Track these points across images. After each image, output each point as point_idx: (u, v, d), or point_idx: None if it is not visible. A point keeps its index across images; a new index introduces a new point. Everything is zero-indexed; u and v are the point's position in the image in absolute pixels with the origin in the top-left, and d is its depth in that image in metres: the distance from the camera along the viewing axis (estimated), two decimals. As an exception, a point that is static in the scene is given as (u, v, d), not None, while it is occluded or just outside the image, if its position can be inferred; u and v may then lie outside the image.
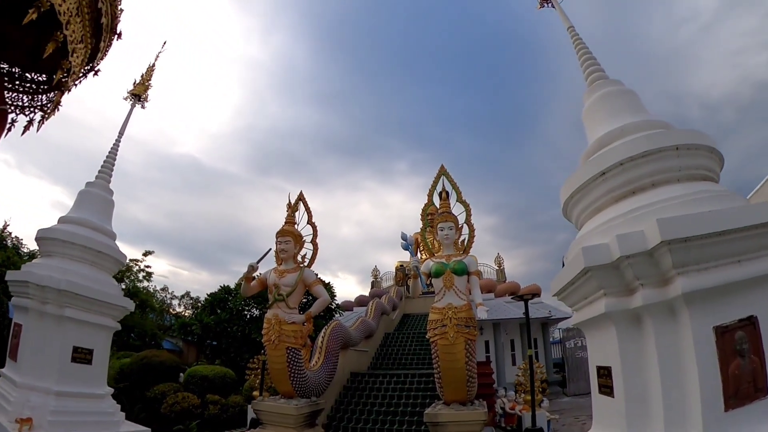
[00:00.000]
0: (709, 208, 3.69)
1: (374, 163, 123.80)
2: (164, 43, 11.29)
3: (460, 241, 8.58)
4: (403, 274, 26.10)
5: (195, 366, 15.01)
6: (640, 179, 4.49)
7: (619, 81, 5.91)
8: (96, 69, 4.18)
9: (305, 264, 9.29)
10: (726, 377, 3.31)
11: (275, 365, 8.39)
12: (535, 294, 10.98)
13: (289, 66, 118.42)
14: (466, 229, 8.79)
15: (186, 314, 32.49)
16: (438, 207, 8.94)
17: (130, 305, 9.11)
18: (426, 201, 9.30)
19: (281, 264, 9.17)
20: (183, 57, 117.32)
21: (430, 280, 7.96)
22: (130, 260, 25.65)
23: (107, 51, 4.13)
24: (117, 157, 10.07)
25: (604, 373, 4.16)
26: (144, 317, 23.88)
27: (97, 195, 9.41)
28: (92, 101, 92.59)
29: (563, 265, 5.21)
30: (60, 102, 4.76)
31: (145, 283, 26.56)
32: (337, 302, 22.38)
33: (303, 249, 9.49)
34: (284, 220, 9.63)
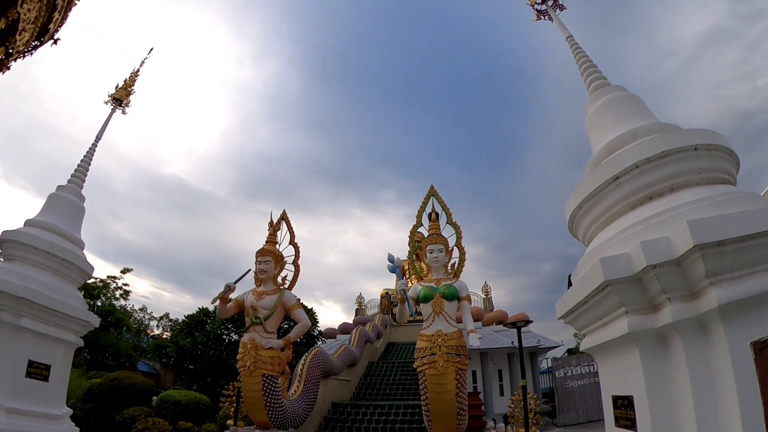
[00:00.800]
0: (737, 210, 3.24)
1: (361, 191, 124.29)
2: (151, 49, 10.89)
3: (450, 264, 8.15)
4: (388, 301, 25.54)
5: (168, 390, 14.27)
6: (657, 183, 4.06)
7: (622, 87, 5.64)
8: (55, 39, 3.76)
9: (286, 286, 8.80)
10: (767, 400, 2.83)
11: (250, 393, 7.79)
12: (528, 322, 10.56)
13: (280, 92, 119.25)
14: (456, 253, 8.36)
15: (164, 336, 31.52)
16: (427, 229, 8.54)
17: (95, 320, 8.43)
18: (415, 222, 8.88)
19: (260, 285, 8.66)
20: (174, 76, 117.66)
21: (418, 306, 7.53)
22: (108, 277, 25.01)
23: (59, 28, 3.71)
24: (92, 162, 9.53)
25: (623, 403, 3.63)
26: (119, 337, 23.00)
27: (67, 200, 8.81)
28: (81, 114, 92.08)
29: (569, 284, 4.75)
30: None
31: (122, 302, 25.76)
32: (319, 329, 21.75)
33: (284, 270, 9.00)
34: (265, 239, 9.19)
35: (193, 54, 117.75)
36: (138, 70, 10.70)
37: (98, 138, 9.74)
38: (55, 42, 3.78)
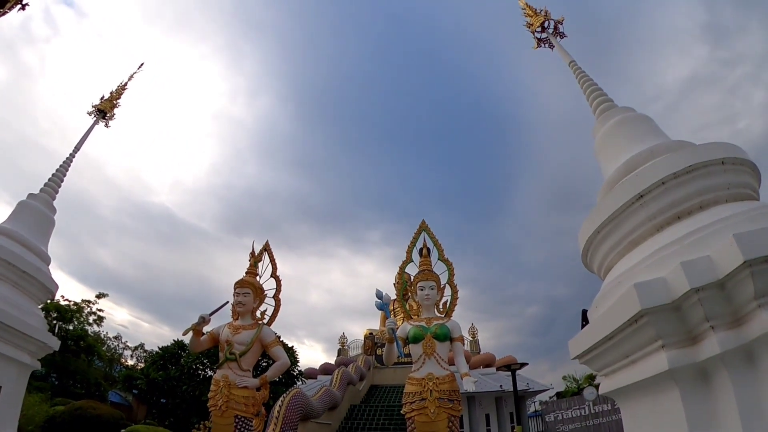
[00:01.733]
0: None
1: (347, 231, 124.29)
2: (141, 64, 10.52)
3: (441, 303, 7.63)
4: (372, 342, 24.77)
5: (137, 425, 13.35)
6: (686, 200, 3.67)
7: (630, 107, 5.39)
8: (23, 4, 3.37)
9: (265, 321, 8.19)
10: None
11: (221, 437, 7.14)
12: (522, 364, 10.11)
13: (271, 129, 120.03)
14: (448, 291, 7.85)
15: (139, 367, 30.14)
16: (418, 265, 8.04)
17: (54, 343, 7.66)
18: (405, 258, 8.38)
19: (237, 319, 8.05)
20: (167, 106, 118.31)
21: (407, 347, 6.97)
22: (83, 300, 24.04)
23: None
24: (67, 173, 8.99)
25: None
26: (90, 364, 21.88)
27: (36, 210, 8.13)
28: (73, 137, 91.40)
29: (584, 321, 4.26)
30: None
31: (96, 328, 24.72)
32: (299, 368, 20.84)
33: (264, 304, 8.41)
34: (245, 270, 8.63)
35: (188, 85, 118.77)
36: (126, 84, 10.29)
37: (77, 149, 9.24)
38: (23, 7, 3.40)
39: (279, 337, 8.02)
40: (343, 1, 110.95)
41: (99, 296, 24.38)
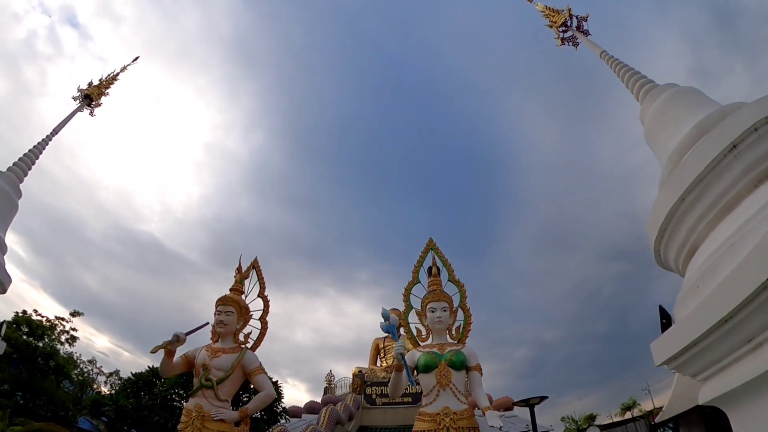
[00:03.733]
0: None
1: (336, 270, 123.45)
2: (136, 58, 9.77)
3: (454, 328, 6.63)
4: (361, 381, 23.38)
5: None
6: None
7: (673, 83, 5.09)
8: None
9: (248, 345, 7.14)
10: None
11: (191, 476, 5.97)
12: (543, 397, 9.21)
13: (264, 165, 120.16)
14: (460, 315, 6.86)
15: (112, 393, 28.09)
16: (426, 286, 7.05)
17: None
18: (411, 279, 7.38)
19: (217, 341, 7.00)
20: (161, 134, 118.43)
21: (417, 377, 5.93)
22: (56, 317, 22.70)
23: None
24: (40, 156, 8.02)
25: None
26: (59, 385, 20.29)
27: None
28: (66, 158, 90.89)
29: (664, 320, 3.33)
30: None
31: (68, 348, 23.24)
32: (284, 405, 19.43)
33: (248, 326, 7.37)
34: (230, 288, 7.61)
35: (184, 115, 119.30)
36: (117, 74, 9.48)
37: (55, 132, 8.36)
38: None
39: (262, 366, 6.93)
40: (337, 43, 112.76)
41: (73, 314, 23.14)
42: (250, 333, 7.30)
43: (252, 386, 7.44)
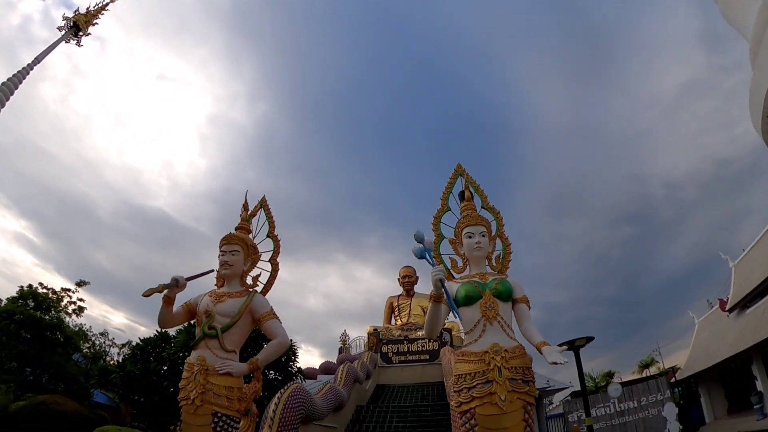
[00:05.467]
0: None
1: (345, 236, 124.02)
2: None
3: (494, 257, 5.70)
4: (376, 339, 22.74)
5: (106, 426, 11.32)
6: None
7: None
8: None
9: (258, 289, 6.26)
10: None
11: (194, 442, 5.16)
12: (589, 338, 8.46)
13: (269, 135, 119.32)
14: (498, 245, 5.92)
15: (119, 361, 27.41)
16: (459, 212, 6.08)
17: None
18: (440, 207, 6.41)
19: (222, 285, 6.12)
20: (166, 108, 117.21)
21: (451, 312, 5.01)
22: (62, 289, 21.96)
23: None
24: (21, 83, 7.14)
25: None
26: (68, 358, 19.72)
27: None
28: (71, 141, 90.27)
29: None
30: None
31: (75, 319, 22.60)
32: (299, 365, 18.82)
33: (256, 268, 6.49)
34: (236, 226, 6.68)
35: (187, 89, 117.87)
36: (107, 4, 8.49)
37: (38, 60, 7.49)
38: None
39: (274, 311, 6.02)
40: (340, 9, 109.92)
41: (79, 284, 22.24)
42: (259, 275, 6.40)
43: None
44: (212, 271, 6.25)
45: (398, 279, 28.85)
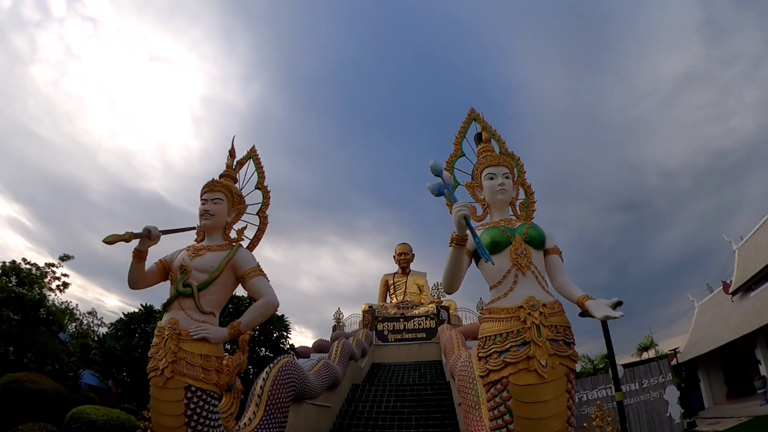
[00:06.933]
0: None
1: (339, 218, 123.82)
2: None
3: (518, 204, 4.86)
4: (372, 316, 22.04)
5: (84, 406, 10.54)
6: None
7: None
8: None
9: (244, 244, 5.42)
10: None
11: (162, 419, 4.25)
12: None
13: (264, 117, 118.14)
14: (520, 193, 5.09)
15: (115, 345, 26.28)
16: (476, 154, 5.24)
17: None
18: (453, 152, 5.55)
19: (203, 240, 5.29)
20: (159, 89, 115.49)
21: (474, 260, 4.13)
22: (46, 264, 21.07)
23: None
24: None
25: None
26: (53, 337, 18.83)
27: None
28: (64, 124, 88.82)
29: None
30: None
31: (59, 295, 21.75)
32: (291, 342, 18.03)
33: (242, 221, 5.65)
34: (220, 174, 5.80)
35: (180, 68, 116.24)
36: None
37: None
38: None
39: (261, 268, 5.18)
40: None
41: (63, 258, 21.35)
42: (245, 227, 5.56)
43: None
44: (194, 228, 5.41)
45: (394, 256, 28.12)
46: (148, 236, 4.57)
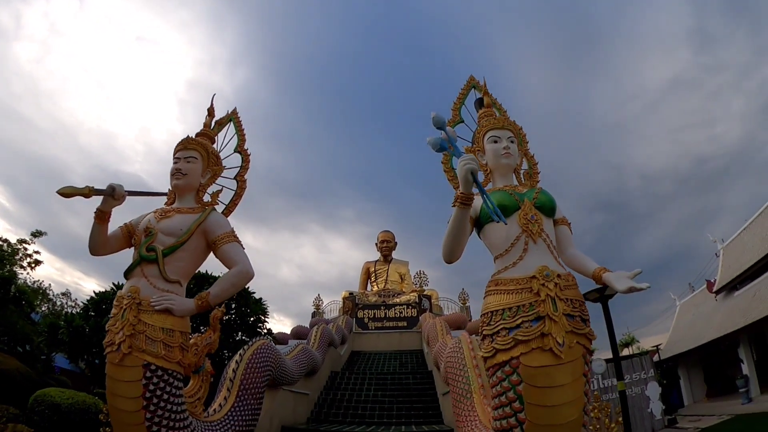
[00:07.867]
0: None
1: (321, 207, 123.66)
2: None
3: (522, 171, 4.41)
4: (352, 303, 21.61)
5: (48, 388, 9.94)
6: None
7: None
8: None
9: (218, 208, 4.91)
10: None
11: (118, 402, 3.70)
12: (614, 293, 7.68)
13: (250, 101, 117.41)
14: (524, 164, 4.64)
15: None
16: (476, 120, 4.77)
17: None
18: (451, 116, 5.09)
19: (173, 203, 4.75)
20: (144, 71, 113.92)
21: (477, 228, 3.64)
22: (18, 240, 20.25)
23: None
24: None
25: None
26: (22, 315, 18.02)
27: None
28: (47, 104, 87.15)
29: None
30: None
31: (30, 273, 20.98)
32: (269, 327, 17.43)
33: (217, 184, 5.12)
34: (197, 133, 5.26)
35: (166, 50, 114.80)
36: None
37: None
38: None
39: (235, 233, 4.66)
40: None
41: (35, 234, 20.55)
42: (220, 191, 5.05)
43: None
44: (165, 194, 4.89)
45: (376, 243, 27.64)
46: (112, 194, 4.05)
